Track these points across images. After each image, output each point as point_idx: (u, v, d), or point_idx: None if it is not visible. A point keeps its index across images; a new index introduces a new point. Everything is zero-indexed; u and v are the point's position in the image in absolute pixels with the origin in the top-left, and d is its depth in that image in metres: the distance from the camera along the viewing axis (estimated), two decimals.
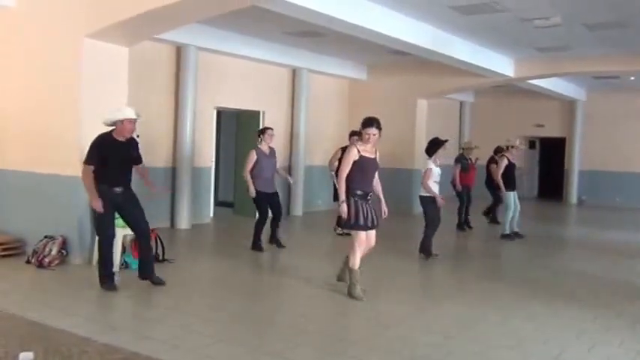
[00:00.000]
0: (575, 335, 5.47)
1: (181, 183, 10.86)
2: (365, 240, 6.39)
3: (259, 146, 8.88)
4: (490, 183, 12.26)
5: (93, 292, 6.33)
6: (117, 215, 6.57)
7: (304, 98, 13.61)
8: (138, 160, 6.67)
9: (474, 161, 12.39)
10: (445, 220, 11.04)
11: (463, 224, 11.96)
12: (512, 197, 10.88)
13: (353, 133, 10.19)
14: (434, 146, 8.89)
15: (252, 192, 8.69)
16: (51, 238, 7.47)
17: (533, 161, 20.27)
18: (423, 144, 14.04)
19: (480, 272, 8.41)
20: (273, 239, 9.22)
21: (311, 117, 13.88)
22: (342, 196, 6.21)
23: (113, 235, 6.53)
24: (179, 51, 10.88)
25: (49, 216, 7.68)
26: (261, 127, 12.65)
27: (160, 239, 7.97)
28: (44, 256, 7.32)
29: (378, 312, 6.09)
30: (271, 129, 9.11)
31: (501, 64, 12.75)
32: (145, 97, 9.92)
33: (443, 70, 13.10)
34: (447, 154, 9.76)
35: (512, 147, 11.14)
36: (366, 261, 6.64)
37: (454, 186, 11.91)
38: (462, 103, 19.78)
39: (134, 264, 7.36)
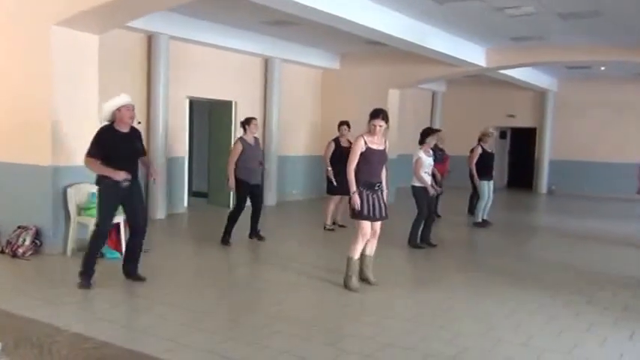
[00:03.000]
0: (545, 321, 5.58)
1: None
2: (369, 231, 6.40)
3: (244, 137, 8.65)
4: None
5: (67, 282, 6.23)
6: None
7: (277, 88, 13.58)
8: (142, 152, 6.43)
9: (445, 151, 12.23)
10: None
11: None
12: (486, 186, 11.03)
13: (342, 123, 10.18)
14: (423, 135, 8.99)
15: (232, 185, 8.48)
16: (24, 228, 7.40)
17: (503, 151, 20.50)
18: (395, 133, 14.14)
19: (453, 261, 8.49)
20: (253, 233, 9.02)
21: (284, 106, 13.85)
22: (353, 187, 6.23)
23: (109, 228, 6.44)
24: (150, 40, 10.76)
25: (23, 206, 7.60)
26: (233, 116, 12.61)
27: None
28: (18, 246, 7.26)
29: (354, 299, 6.13)
30: (255, 119, 8.86)
31: (474, 54, 12.83)
32: (116, 86, 9.72)
33: (415, 60, 13.11)
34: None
35: (488, 136, 11.19)
36: (380, 254, 6.67)
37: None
38: (434, 93, 19.86)
39: (109, 253, 7.33)
